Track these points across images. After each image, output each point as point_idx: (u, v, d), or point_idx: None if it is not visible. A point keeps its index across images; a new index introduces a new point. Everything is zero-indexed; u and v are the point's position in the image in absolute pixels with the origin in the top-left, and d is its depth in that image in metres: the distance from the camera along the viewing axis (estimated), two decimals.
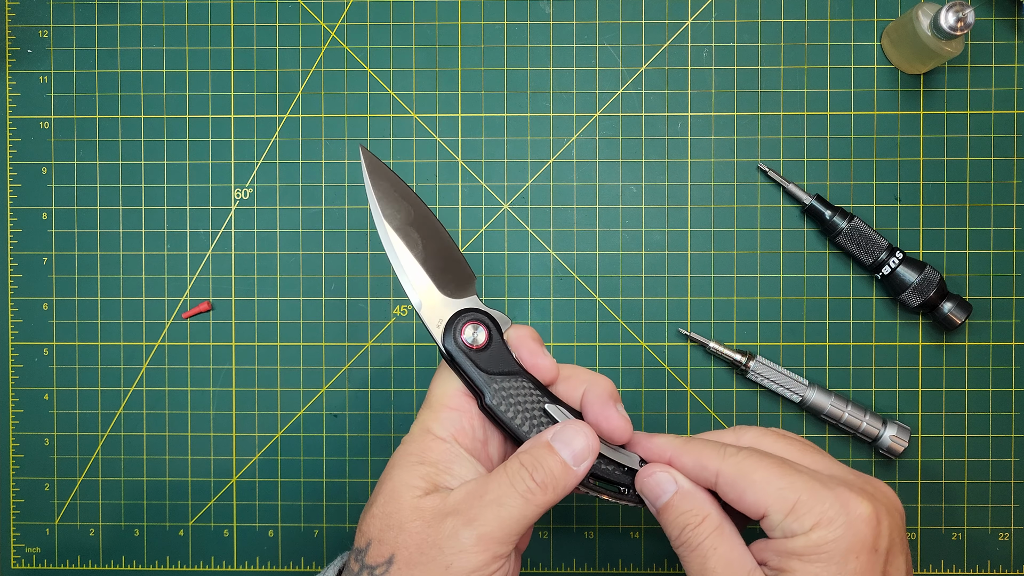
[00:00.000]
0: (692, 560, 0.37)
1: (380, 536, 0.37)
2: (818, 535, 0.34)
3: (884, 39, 0.54)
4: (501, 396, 0.38)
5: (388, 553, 0.36)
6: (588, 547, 0.55)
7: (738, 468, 0.36)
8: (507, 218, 0.55)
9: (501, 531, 0.35)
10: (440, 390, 0.40)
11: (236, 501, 0.55)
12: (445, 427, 0.39)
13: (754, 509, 0.36)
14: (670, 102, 0.55)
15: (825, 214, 0.53)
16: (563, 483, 0.36)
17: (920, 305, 0.52)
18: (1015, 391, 0.54)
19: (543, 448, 0.37)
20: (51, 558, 0.56)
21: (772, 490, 0.35)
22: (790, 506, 0.35)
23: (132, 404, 0.55)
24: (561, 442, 0.37)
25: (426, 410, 0.40)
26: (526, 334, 0.40)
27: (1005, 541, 0.54)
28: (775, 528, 0.35)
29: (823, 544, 0.34)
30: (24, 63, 0.55)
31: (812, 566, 0.34)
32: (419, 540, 0.36)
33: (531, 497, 0.36)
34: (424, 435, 0.38)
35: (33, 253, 0.55)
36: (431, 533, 0.36)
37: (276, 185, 0.55)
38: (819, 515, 0.34)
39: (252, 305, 0.55)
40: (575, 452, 0.37)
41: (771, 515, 0.35)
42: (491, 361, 0.39)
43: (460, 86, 0.55)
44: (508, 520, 0.35)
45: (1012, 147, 0.54)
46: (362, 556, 0.37)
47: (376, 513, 0.37)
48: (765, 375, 0.53)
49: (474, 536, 0.35)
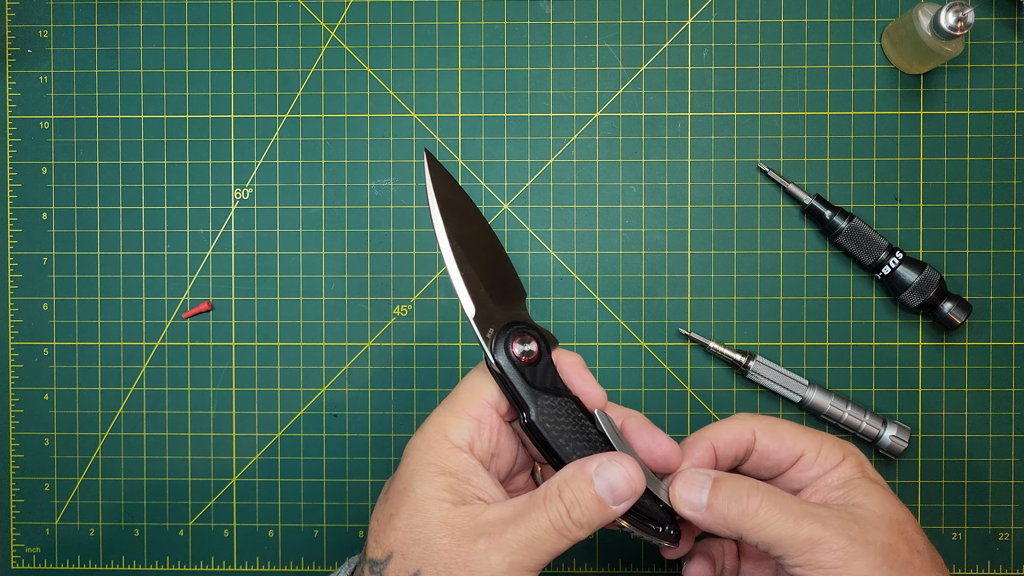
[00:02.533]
0: (762, 524, 0.37)
1: (405, 551, 0.36)
2: (850, 461, 0.40)
3: (884, 39, 0.54)
4: (547, 414, 0.37)
5: (413, 569, 0.35)
6: (588, 547, 0.55)
7: (769, 428, 0.41)
8: (507, 218, 0.55)
9: (532, 560, 0.35)
10: (467, 395, 0.39)
11: (236, 501, 0.55)
12: (463, 435, 0.37)
13: (794, 450, 0.40)
14: (670, 102, 0.55)
15: (825, 214, 0.53)
16: (599, 520, 0.36)
17: (920, 305, 0.52)
18: (1015, 391, 0.54)
19: (584, 483, 0.36)
20: (51, 558, 0.56)
21: (802, 439, 0.40)
22: (818, 447, 0.40)
23: (132, 404, 0.55)
24: (603, 478, 0.36)
25: (447, 412, 0.38)
26: (578, 360, 0.40)
27: (1005, 541, 0.54)
28: (812, 466, 0.40)
29: (861, 465, 0.40)
30: (24, 63, 0.55)
31: (869, 484, 0.39)
32: (447, 558, 0.35)
33: (565, 532, 0.35)
34: (442, 442, 0.37)
35: (33, 253, 0.55)
36: (461, 552, 0.35)
37: (276, 185, 0.55)
38: (842, 451, 0.40)
39: (252, 305, 0.55)
40: (617, 491, 0.36)
41: (807, 454, 0.40)
42: (539, 377, 0.38)
43: (460, 86, 0.55)
44: (540, 551, 0.35)
45: (1012, 147, 0.54)
46: (381, 569, 0.36)
47: (400, 526, 0.36)
48: (765, 375, 0.53)
49: (506, 563, 0.35)
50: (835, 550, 0.35)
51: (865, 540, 0.36)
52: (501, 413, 0.39)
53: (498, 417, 0.39)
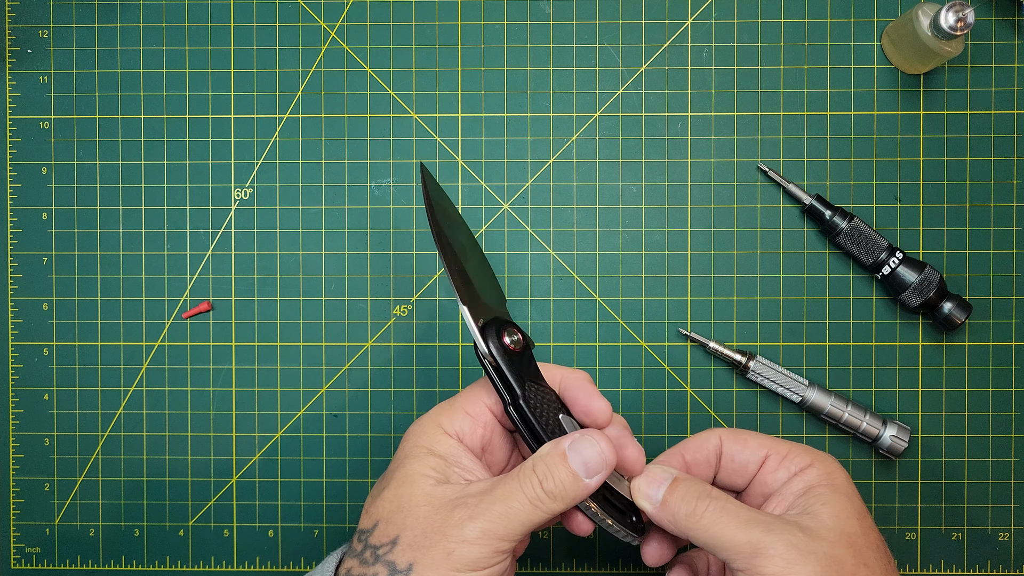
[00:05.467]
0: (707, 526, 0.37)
1: (388, 517, 0.38)
2: (818, 468, 0.40)
3: (884, 39, 0.54)
4: (533, 399, 0.39)
5: (394, 534, 0.37)
6: (588, 547, 0.55)
7: (735, 434, 0.42)
8: (507, 218, 0.55)
9: (505, 529, 0.36)
10: (466, 396, 0.41)
11: (236, 501, 0.55)
12: (455, 427, 0.40)
13: (758, 453, 0.41)
14: (670, 102, 0.55)
15: (825, 214, 0.53)
16: (572, 494, 0.37)
17: (920, 305, 0.52)
18: (1015, 391, 0.54)
19: (558, 457, 0.37)
20: (51, 558, 0.56)
21: (767, 442, 0.42)
22: (785, 450, 0.41)
23: (132, 404, 0.55)
24: (576, 452, 0.38)
25: (446, 406, 0.41)
26: (582, 377, 0.41)
27: (1005, 541, 0.54)
28: (778, 468, 0.41)
29: (830, 474, 0.40)
30: (24, 63, 0.55)
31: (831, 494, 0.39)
32: (425, 525, 0.37)
33: (539, 504, 0.37)
34: (435, 429, 0.40)
35: (33, 253, 0.55)
36: (438, 519, 0.37)
37: (276, 185, 0.55)
38: (811, 457, 0.41)
39: (252, 305, 0.55)
40: (589, 464, 0.37)
41: (772, 457, 0.41)
42: (524, 366, 0.40)
43: (460, 86, 0.55)
44: (514, 521, 0.37)
45: (1012, 147, 0.54)
46: (366, 536, 0.38)
47: (388, 496, 0.38)
48: (765, 375, 0.53)
49: (479, 530, 0.36)
50: (774, 556, 0.35)
51: (808, 549, 0.36)
52: (496, 414, 0.41)
53: (493, 417, 0.41)
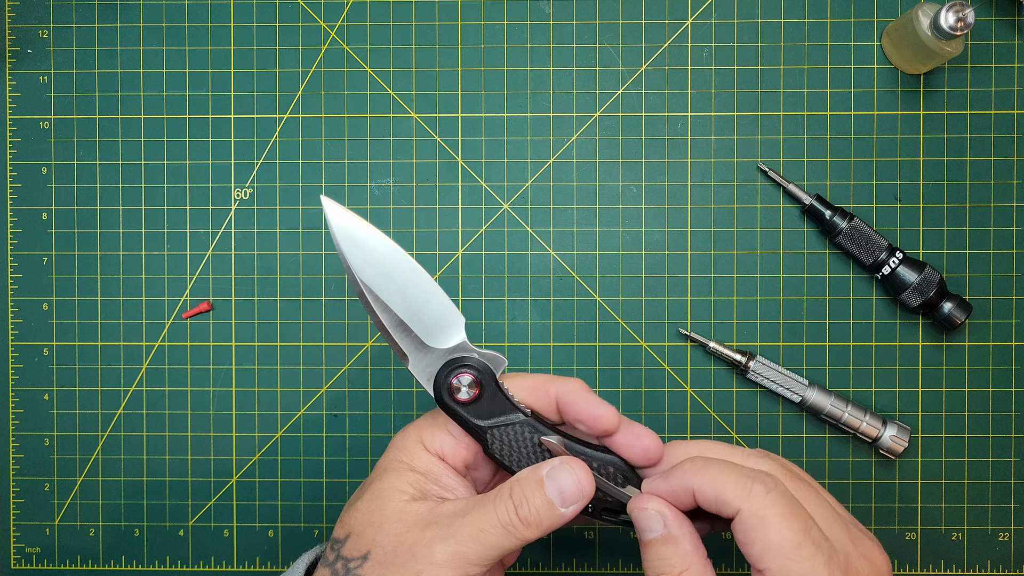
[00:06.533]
0: None
1: (360, 531, 0.37)
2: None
3: (884, 39, 0.54)
4: (500, 443, 0.39)
5: (365, 549, 0.37)
6: (588, 547, 0.55)
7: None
8: (507, 218, 0.55)
9: (476, 554, 0.36)
10: None
11: (236, 501, 0.55)
12: (435, 444, 0.39)
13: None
14: (670, 102, 0.55)
15: (825, 214, 0.53)
16: (547, 522, 0.36)
17: (920, 305, 0.52)
18: (1015, 391, 0.54)
19: (535, 483, 0.37)
20: (51, 558, 0.56)
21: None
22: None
23: (132, 404, 0.55)
24: (554, 480, 0.37)
25: (429, 421, 0.40)
26: (577, 387, 0.39)
27: (1005, 541, 0.54)
28: None
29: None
30: (24, 63, 0.55)
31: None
32: (395, 543, 0.36)
33: (512, 530, 0.36)
34: (416, 445, 0.39)
35: (33, 253, 0.55)
36: (408, 538, 0.36)
37: (276, 185, 0.55)
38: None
39: (252, 305, 0.55)
40: (566, 494, 0.37)
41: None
42: (485, 410, 0.39)
43: (460, 86, 0.55)
44: (485, 546, 0.36)
45: (1012, 147, 0.54)
46: (339, 547, 0.38)
47: (360, 508, 0.38)
48: (765, 375, 0.53)
49: (448, 552, 0.35)
50: None
51: None
52: None
53: None
